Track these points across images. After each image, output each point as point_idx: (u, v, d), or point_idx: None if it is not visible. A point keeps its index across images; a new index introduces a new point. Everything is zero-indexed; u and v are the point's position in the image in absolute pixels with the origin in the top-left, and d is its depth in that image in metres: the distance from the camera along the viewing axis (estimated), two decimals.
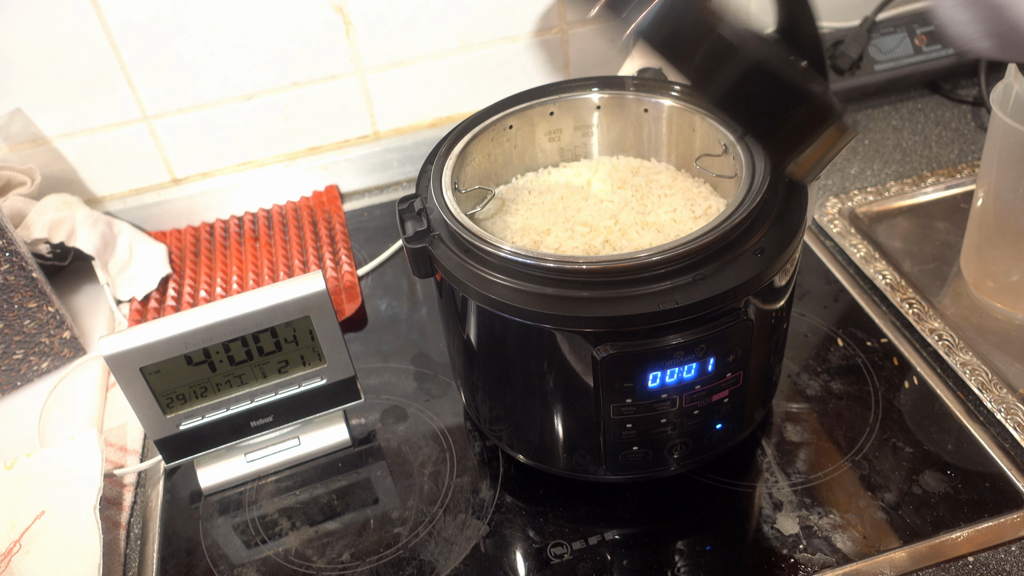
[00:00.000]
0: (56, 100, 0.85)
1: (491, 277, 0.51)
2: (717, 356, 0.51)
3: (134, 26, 0.82)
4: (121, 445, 0.71)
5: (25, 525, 0.61)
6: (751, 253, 0.50)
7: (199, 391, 0.62)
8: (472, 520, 0.61)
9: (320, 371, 0.64)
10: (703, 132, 0.62)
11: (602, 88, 0.65)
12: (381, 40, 0.90)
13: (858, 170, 0.90)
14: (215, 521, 0.64)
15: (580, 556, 0.58)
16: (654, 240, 0.58)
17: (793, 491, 0.60)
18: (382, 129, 0.97)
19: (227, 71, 0.88)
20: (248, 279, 0.85)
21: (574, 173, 0.66)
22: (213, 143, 0.93)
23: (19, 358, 0.74)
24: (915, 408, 0.65)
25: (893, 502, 0.59)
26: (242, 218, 0.95)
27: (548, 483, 0.63)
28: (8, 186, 0.84)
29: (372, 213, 0.95)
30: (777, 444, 0.64)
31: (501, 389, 0.59)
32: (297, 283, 0.60)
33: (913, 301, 0.73)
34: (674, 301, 0.47)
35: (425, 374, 0.74)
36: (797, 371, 0.69)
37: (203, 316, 0.58)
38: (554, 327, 0.50)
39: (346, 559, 0.60)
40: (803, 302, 0.75)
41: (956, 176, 0.87)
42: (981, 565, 0.55)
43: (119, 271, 0.85)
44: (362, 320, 0.81)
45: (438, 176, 0.58)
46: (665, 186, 0.63)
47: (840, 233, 0.81)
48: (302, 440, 0.67)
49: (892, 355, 0.70)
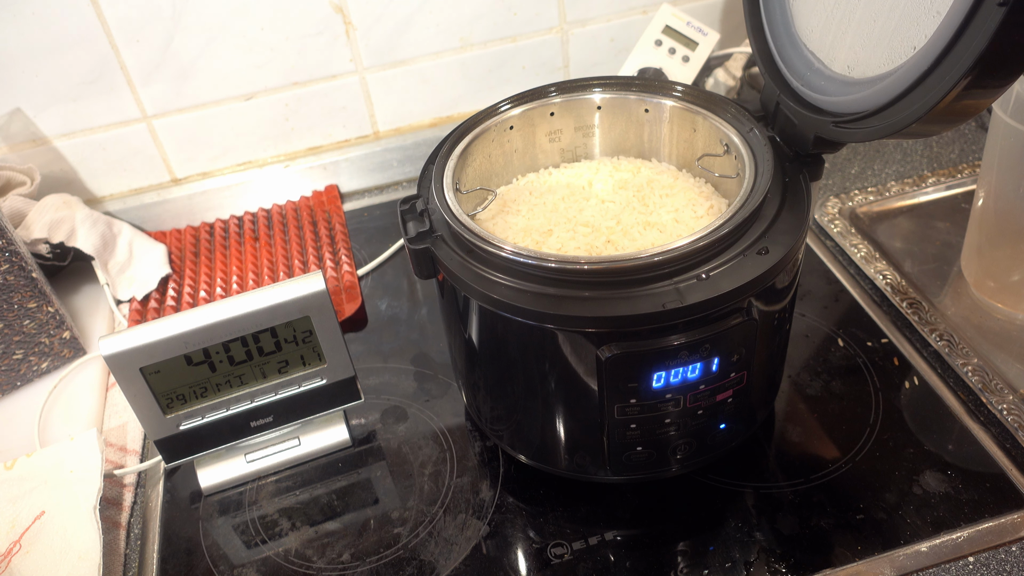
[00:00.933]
0: (56, 100, 0.85)
1: (493, 278, 0.51)
2: (721, 356, 0.51)
3: (134, 26, 0.82)
4: (121, 445, 0.71)
5: (25, 525, 0.61)
6: (754, 253, 0.50)
7: (199, 391, 0.61)
8: (472, 520, 0.61)
9: (320, 371, 0.64)
10: (704, 132, 0.62)
11: (603, 88, 0.65)
12: (381, 40, 0.90)
13: (859, 170, 0.90)
14: (215, 521, 0.64)
15: (580, 556, 0.58)
16: (656, 240, 0.58)
17: (794, 491, 0.60)
18: (382, 129, 0.97)
19: (227, 71, 0.88)
20: (248, 279, 0.85)
21: (575, 174, 0.66)
22: (213, 143, 0.93)
23: (19, 358, 0.74)
24: (915, 408, 0.65)
25: (893, 502, 0.59)
26: (242, 218, 0.95)
27: (549, 483, 0.63)
28: (8, 186, 0.84)
29: (372, 213, 0.95)
30: (777, 444, 0.64)
31: (503, 389, 0.59)
32: (297, 283, 0.60)
33: (914, 301, 0.73)
34: (678, 301, 0.47)
35: (425, 374, 0.74)
36: (798, 371, 0.69)
37: (203, 316, 0.58)
38: (557, 327, 0.50)
39: (346, 559, 0.60)
40: (803, 302, 0.75)
41: (957, 176, 0.87)
42: (981, 565, 0.55)
43: (119, 271, 0.85)
44: (362, 320, 0.80)
45: (439, 177, 0.58)
46: (667, 186, 0.63)
47: (841, 233, 0.81)
48: (302, 440, 0.67)
49: (892, 355, 0.70)
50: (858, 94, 0.49)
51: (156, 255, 0.87)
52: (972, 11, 0.39)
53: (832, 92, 0.53)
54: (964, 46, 0.40)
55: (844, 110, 0.51)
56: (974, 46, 0.39)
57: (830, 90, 0.53)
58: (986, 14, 0.38)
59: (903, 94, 0.44)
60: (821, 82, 0.54)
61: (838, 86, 0.52)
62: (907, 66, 0.44)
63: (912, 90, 0.44)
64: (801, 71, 0.56)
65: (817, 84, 0.54)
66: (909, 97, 0.44)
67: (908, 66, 0.44)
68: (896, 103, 0.45)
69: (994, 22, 0.37)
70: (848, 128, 0.50)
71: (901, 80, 0.45)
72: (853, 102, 0.49)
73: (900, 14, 0.46)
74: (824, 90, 0.53)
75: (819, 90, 0.54)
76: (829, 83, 0.53)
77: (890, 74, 0.46)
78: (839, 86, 0.52)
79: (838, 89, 0.52)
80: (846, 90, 0.51)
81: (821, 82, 0.54)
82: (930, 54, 0.42)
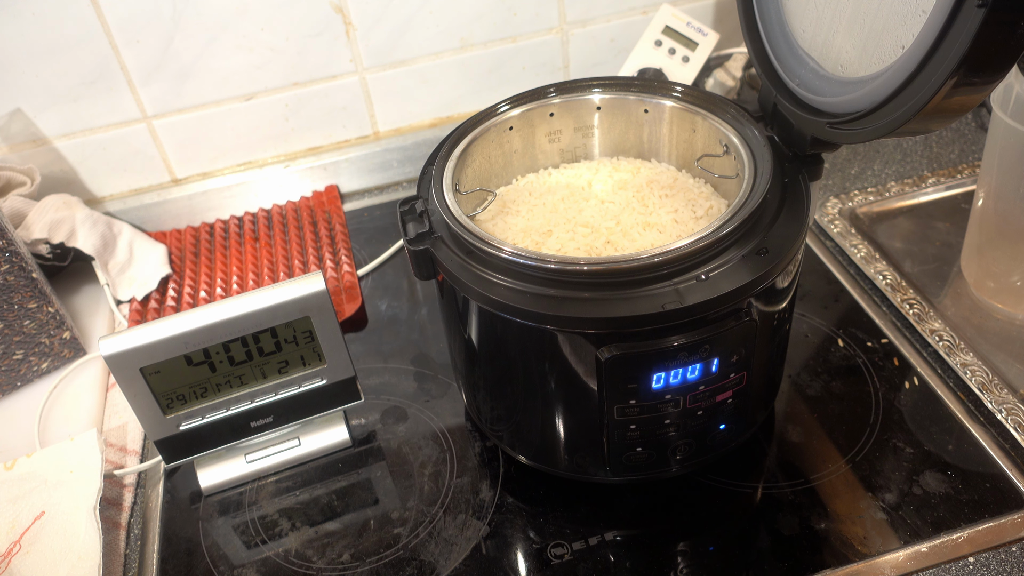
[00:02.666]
0: (56, 100, 0.85)
1: (493, 278, 0.51)
2: (721, 356, 0.51)
3: (134, 26, 0.82)
4: (121, 445, 0.71)
5: (25, 525, 0.61)
6: (754, 253, 0.50)
7: (199, 391, 0.62)
8: (472, 521, 0.61)
9: (320, 371, 0.64)
10: (704, 132, 0.62)
11: (602, 89, 0.65)
12: (381, 40, 0.90)
13: (858, 170, 0.90)
14: (215, 522, 0.64)
15: (580, 557, 0.58)
16: (656, 241, 0.58)
17: (794, 492, 0.60)
18: (382, 129, 0.97)
19: (227, 71, 0.88)
20: (248, 279, 0.85)
21: (575, 174, 0.66)
22: (213, 143, 0.93)
23: (19, 358, 0.74)
24: (915, 409, 0.65)
25: (893, 503, 0.59)
26: (242, 218, 0.95)
27: (549, 484, 0.63)
28: (8, 186, 0.84)
29: (372, 213, 0.95)
30: (777, 445, 0.64)
31: (503, 390, 0.59)
32: (297, 283, 0.60)
33: (913, 301, 0.73)
34: (678, 302, 0.47)
35: (425, 374, 0.74)
36: (798, 372, 0.69)
37: (203, 316, 0.58)
38: (557, 328, 0.50)
39: (346, 560, 0.60)
40: (803, 302, 0.75)
41: (957, 176, 0.87)
42: (981, 566, 0.55)
43: (119, 271, 0.85)
44: (362, 320, 0.80)
45: (439, 178, 0.58)
46: (666, 187, 0.63)
47: (840, 233, 0.81)
48: (302, 440, 0.67)
49: (892, 355, 0.70)
50: (851, 94, 0.49)
51: (156, 255, 0.87)
52: (954, 12, 0.39)
53: (827, 92, 0.53)
54: (948, 46, 0.40)
55: (838, 110, 0.51)
56: (958, 46, 0.39)
57: (825, 90, 0.53)
58: (967, 15, 0.38)
59: (894, 94, 0.44)
60: (816, 82, 0.54)
61: (832, 86, 0.52)
62: (896, 66, 0.45)
63: (902, 90, 0.44)
64: (796, 71, 0.56)
65: (812, 84, 0.54)
66: (900, 97, 0.44)
67: (897, 66, 0.44)
68: (888, 103, 0.45)
69: (975, 23, 0.37)
70: (843, 129, 0.50)
71: (891, 80, 0.45)
72: (847, 102, 0.50)
73: (887, 13, 0.46)
74: (819, 90, 0.53)
75: (814, 90, 0.54)
76: (824, 83, 0.53)
77: (881, 74, 0.46)
78: (833, 86, 0.52)
79: (832, 89, 0.52)
80: (840, 90, 0.51)
81: (816, 82, 0.54)
82: (917, 54, 0.42)
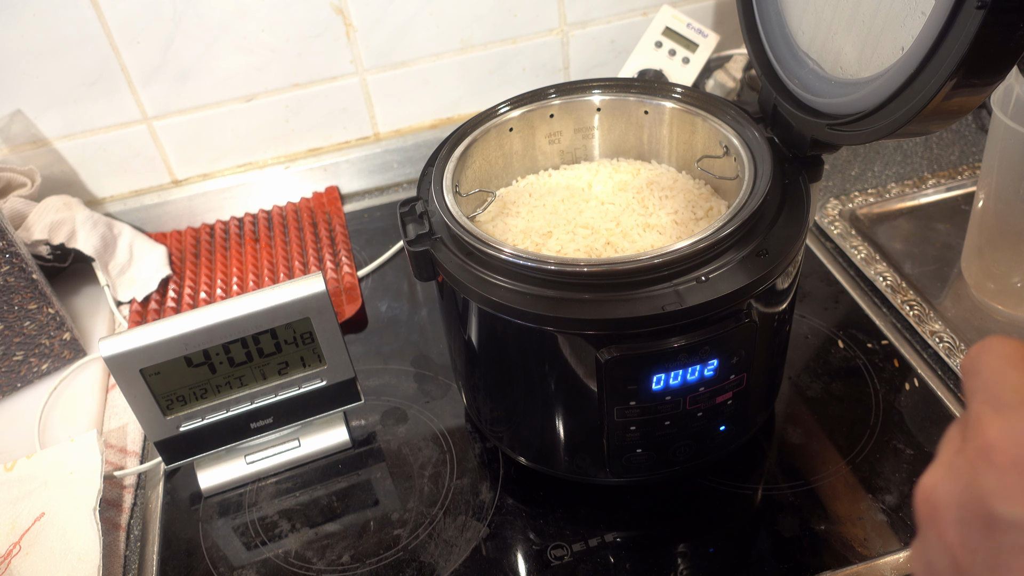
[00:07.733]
0: (56, 101, 0.85)
1: (493, 280, 0.51)
2: (721, 358, 0.51)
3: (134, 27, 0.82)
4: (121, 447, 0.71)
5: (25, 527, 0.61)
6: (754, 255, 0.50)
7: (199, 393, 0.61)
8: (472, 522, 0.61)
9: (320, 372, 0.64)
10: (704, 134, 0.62)
11: (602, 90, 0.65)
12: (381, 41, 0.90)
13: (859, 172, 0.90)
14: (215, 523, 0.64)
15: (580, 558, 0.58)
16: (656, 242, 0.58)
17: (794, 493, 0.60)
18: (382, 130, 0.97)
19: (227, 72, 0.88)
20: (248, 280, 0.85)
21: (575, 175, 0.66)
22: (213, 144, 0.93)
23: (19, 359, 0.74)
24: (916, 410, 0.65)
25: (894, 504, 0.59)
26: (242, 219, 0.95)
27: (549, 485, 0.63)
28: (8, 187, 0.84)
29: (372, 214, 0.95)
30: (778, 446, 0.64)
31: (503, 391, 0.59)
32: (297, 284, 0.60)
33: (914, 303, 0.73)
34: (678, 303, 0.47)
35: (425, 376, 0.74)
36: (798, 373, 0.69)
37: (203, 317, 0.58)
38: (557, 330, 0.50)
39: (346, 561, 0.60)
40: (804, 304, 0.75)
41: (957, 178, 0.87)
42: None
43: (119, 272, 0.85)
44: (362, 321, 0.80)
45: (439, 179, 0.58)
46: (666, 188, 0.63)
47: (841, 235, 0.81)
48: (302, 442, 0.67)
49: (893, 357, 0.70)
50: (851, 96, 0.49)
51: (156, 256, 0.87)
52: (953, 13, 0.39)
53: (826, 94, 0.53)
54: (948, 47, 0.40)
55: (838, 112, 0.51)
56: (958, 47, 0.39)
57: (824, 91, 0.53)
58: (967, 16, 0.38)
59: (894, 95, 0.44)
60: (816, 83, 0.54)
61: (832, 87, 0.52)
62: (896, 67, 0.44)
63: (902, 91, 0.44)
64: (796, 72, 0.56)
65: (812, 85, 0.54)
66: (900, 98, 0.44)
67: (897, 67, 0.44)
68: (888, 105, 0.45)
69: (975, 24, 0.37)
70: (843, 130, 0.50)
71: (891, 81, 0.45)
72: (847, 104, 0.49)
73: (887, 15, 0.46)
74: (819, 92, 0.53)
75: (814, 92, 0.54)
76: (823, 84, 0.53)
77: (881, 75, 0.46)
78: (833, 87, 0.52)
79: (832, 91, 0.52)
80: (840, 91, 0.51)
81: (816, 83, 0.54)
82: (917, 55, 0.42)
